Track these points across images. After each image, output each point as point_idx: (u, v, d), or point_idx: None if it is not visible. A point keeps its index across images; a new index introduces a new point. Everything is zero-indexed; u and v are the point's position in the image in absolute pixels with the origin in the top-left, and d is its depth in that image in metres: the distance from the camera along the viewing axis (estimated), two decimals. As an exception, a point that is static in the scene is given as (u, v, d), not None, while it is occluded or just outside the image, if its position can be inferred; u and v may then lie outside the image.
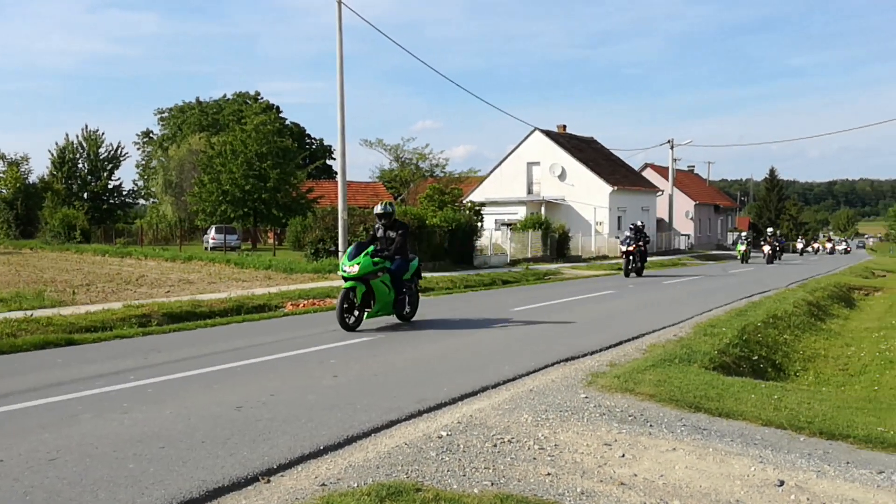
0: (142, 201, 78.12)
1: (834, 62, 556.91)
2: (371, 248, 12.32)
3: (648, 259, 29.86)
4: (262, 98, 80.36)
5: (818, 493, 5.13)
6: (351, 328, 12.16)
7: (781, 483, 5.28)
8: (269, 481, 5.14)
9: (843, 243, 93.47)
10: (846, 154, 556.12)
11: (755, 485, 5.26)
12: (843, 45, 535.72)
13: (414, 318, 13.45)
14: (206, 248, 44.12)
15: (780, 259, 46.90)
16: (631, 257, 27.69)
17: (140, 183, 78.35)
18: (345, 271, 12.18)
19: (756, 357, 12.16)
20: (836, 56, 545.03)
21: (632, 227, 28.64)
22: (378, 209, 13.15)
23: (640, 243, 27.74)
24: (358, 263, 12.06)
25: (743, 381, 9.14)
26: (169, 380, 8.33)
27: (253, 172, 45.77)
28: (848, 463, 5.80)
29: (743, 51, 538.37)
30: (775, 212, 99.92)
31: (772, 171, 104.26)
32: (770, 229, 48.04)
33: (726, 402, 7.58)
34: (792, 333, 15.29)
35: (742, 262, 41.48)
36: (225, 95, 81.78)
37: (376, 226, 13.31)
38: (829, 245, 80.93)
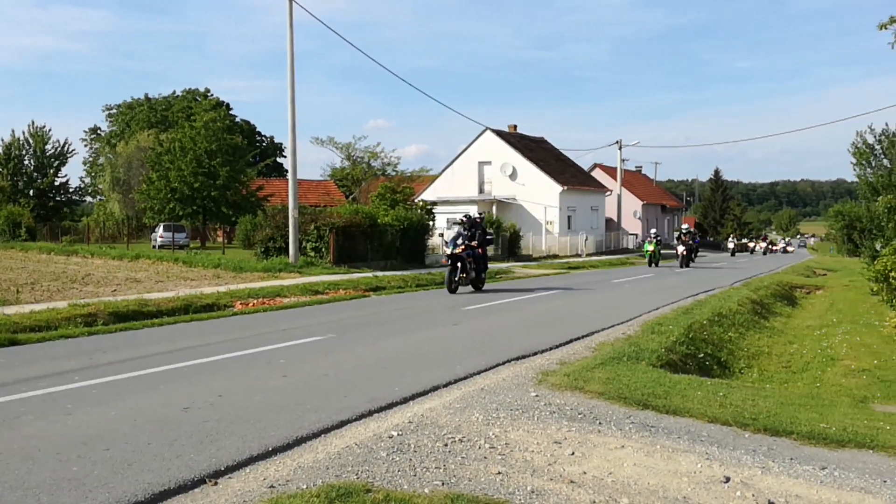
0: (89, 199, 76.59)
1: (776, 66, 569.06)
2: None
3: (600, 258, 26.81)
4: (211, 95, 79.40)
5: (763, 489, 5.22)
6: None
7: (727, 479, 5.37)
8: (216, 483, 5.07)
9: (782, 242, 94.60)
10: (787, 155, 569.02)
11: (702, 481, 5.34)
12: (786, 49, 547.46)
13: (364, 315, 13.35)
14: (154, 247, 43.30)
15: (694, 260, 38.66)
16: (459, 263, 18.69)
17: (87, 180, 76.89)
18: None
19: (702, 354, 12.36)
20: (779, 61, 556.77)
21: (464, 218, 19.88)
22: None
23: (475, 243, 19.07)
24: None
25: (689, 378, 9.28)
26: (114, 380, 8.17)
27: (202, 170, 45.08)
28: (792, 459, 5.92)
29: (689, 54, 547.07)
30: (720, 212, 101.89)
31: (716, 172, 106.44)
32: (685, 226, 40.13)
33: (673, 400, 7.69)
34: (736, 331, 15.58)
35: (650, 266, 34.49)
36: (174, 92, 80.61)
37: None
38: (762, 244, 70.37)
